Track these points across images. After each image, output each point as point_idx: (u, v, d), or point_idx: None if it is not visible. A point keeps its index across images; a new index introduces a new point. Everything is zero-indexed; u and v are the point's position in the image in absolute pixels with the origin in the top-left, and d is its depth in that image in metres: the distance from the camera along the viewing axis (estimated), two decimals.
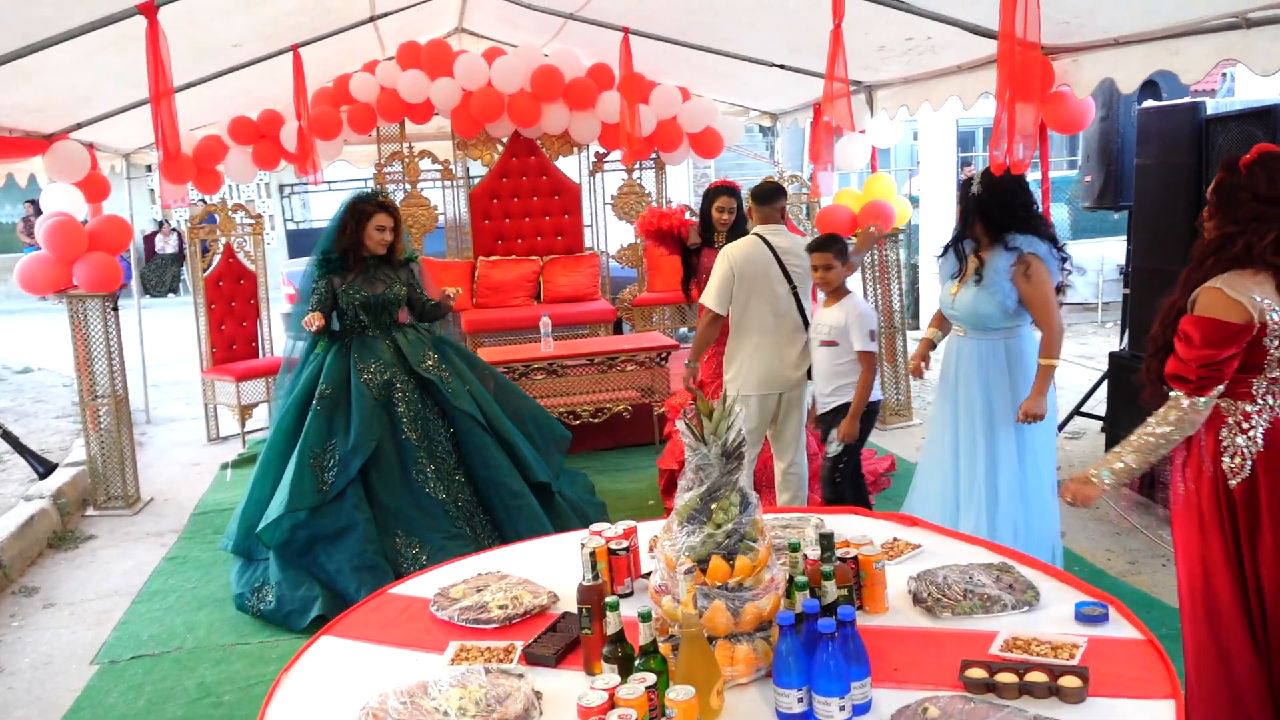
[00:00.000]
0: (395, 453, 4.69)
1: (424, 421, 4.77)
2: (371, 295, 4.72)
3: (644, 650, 1.98)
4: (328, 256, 4.73)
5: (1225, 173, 2.69)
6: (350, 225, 4.69)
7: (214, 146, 7.48)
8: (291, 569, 4.50)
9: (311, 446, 4.57)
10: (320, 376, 4.72)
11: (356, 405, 4.63)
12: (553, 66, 7.70)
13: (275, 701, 2.21)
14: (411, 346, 4.84)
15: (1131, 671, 2.03)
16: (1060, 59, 4.87)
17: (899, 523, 3.01)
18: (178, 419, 8.75)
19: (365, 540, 4.47)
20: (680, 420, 2.17)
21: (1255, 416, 2.62)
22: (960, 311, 3.93)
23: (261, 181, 17.73)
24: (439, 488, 4.70)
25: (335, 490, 4.52)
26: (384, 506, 4.61)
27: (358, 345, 4.77)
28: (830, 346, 4.43)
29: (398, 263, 4.86)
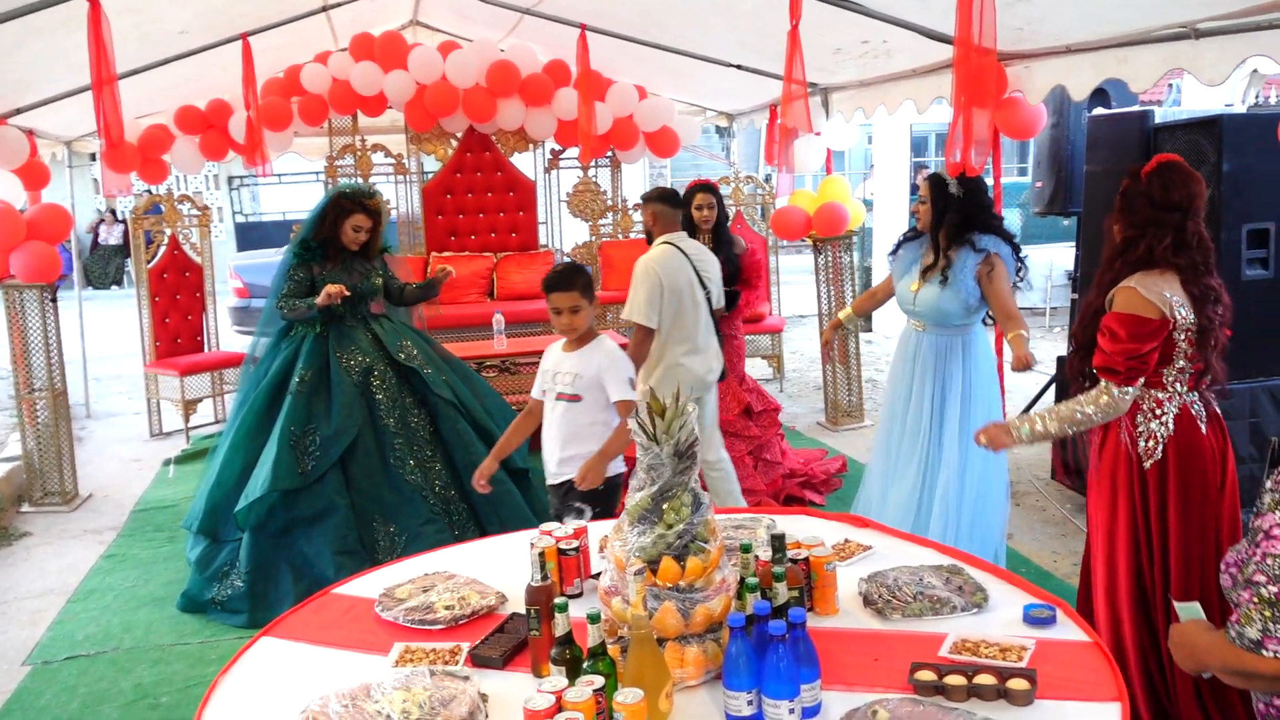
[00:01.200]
0: (374, 439, 4.68)
1: (401, 409, 4.77)
2: (349, 285, 4.69)
3: (593, 652, 1.94)
4: (307, 244, 4.71)
5: (1129, 180, 2.89)
6: (330, 217, 4.70)
7: (160, 135, 7.32)
8: (264, 552, 4.46)
9: (291, 429, 4.54)
10: (297, 361, 4.70)
11: (337, 390, 4.64)
12: (508, 62, 7.63)
13: (212, 704, 2.15)
14: (389, 336, 4.87)
15: (1078, 674, 2.03)
16: (1013, 65, 4.92)
17: (850, 524, 3.01)
18: (119, 414, 8.56)
19: (345, 525, 4.48)
20: (632, 419, 2.14)
21: (1166, 403, 2.86)
22: (922, 308, 3.99)
23: (210, 173, 17.43)
24: (416, 473, 4.70)
25: (316, 474, 4.50)
26: (363, 492, 4.61)
27: (335, 335, 4.77)
28: (571, 402, 3.53)
29: (372, 255, 4.87)
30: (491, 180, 8.34)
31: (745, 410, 5.55)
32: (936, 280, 3.92)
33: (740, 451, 5.45)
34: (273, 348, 4.88)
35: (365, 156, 8.04)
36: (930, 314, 3.97)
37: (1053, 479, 5.84)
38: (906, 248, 4.18)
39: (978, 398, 3.98)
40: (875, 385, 8.52)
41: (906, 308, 4.09)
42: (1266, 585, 1.68)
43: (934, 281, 3.93)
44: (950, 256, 3.90)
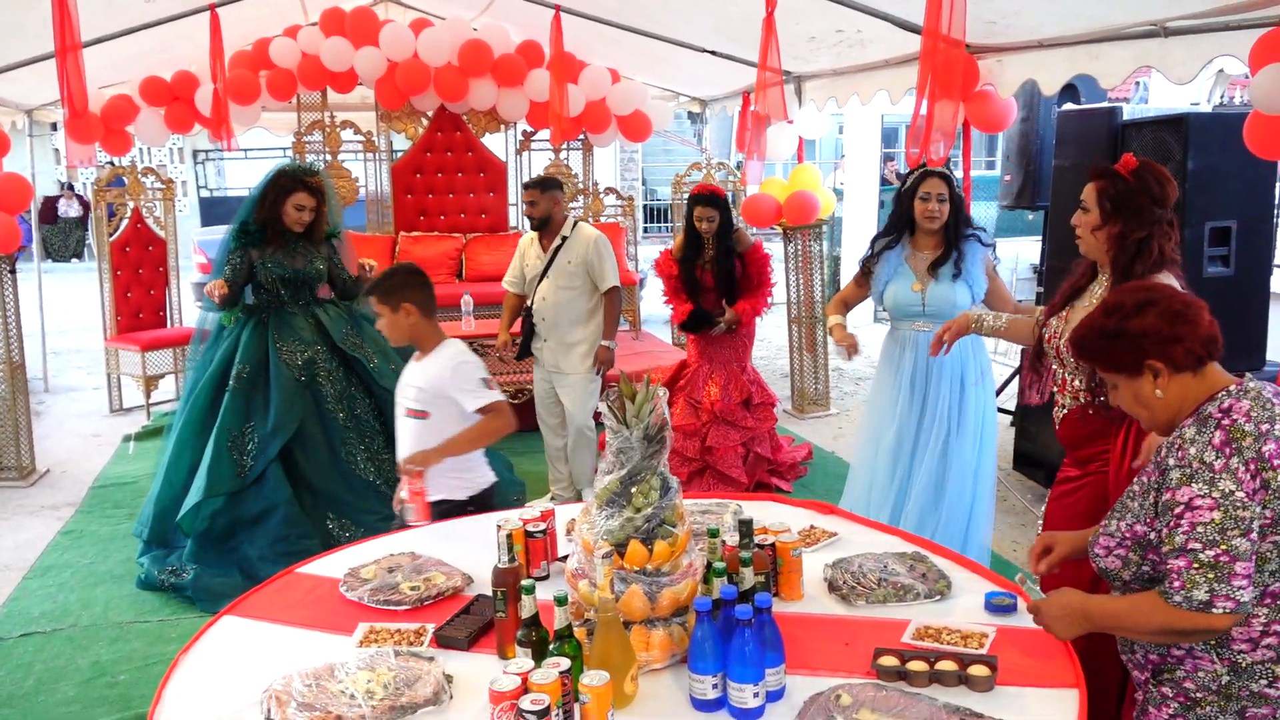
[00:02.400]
0: (322, 433, 4.54)
1: (349, 400, 4.63)
2: (291, 270, 4.53)
3: (559, 634, 1.95)
4: (246, 227, 4.52)
5: (1111, 181, 2.72)
6: (270, 197, 4.48)
7: (124, 106, 7.19)
8: (210, 556, 4.35)
9: (229, 429, 4.40)
10: (236, 355, 4.53)
11: (276, 385, 4.47)
12: (481, 41, 7.56)
13: (173, 682, 2.13)
14: (333, 322, 4.68)
15: (1038, 661, 2.07)
16: (985, 58, 4.95)
17: (817, 510, 3.03)
18: (78, 389, 8.44)
19: (287, 524, 4.34)
20: (602, 403, 2.14)
21: None
22: (935, 305, 3.92)
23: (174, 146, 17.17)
24: (369, 468, 4.58)
25: (254, 474, 4.37)
26: (313, 489, 4.48)
27: (275, 322, 4.58)
28: (418, 419, 3.28)
29: (319, 238, 4.67)
30: (462, 160, 8.28)
31: (745, 401, 5.44)
32: (948, 275, 3.90)
33: (734, 441, 5.37)
34: (215, 336, 4.68)
35: (334, 133, 7.95)
36: (945, 311, 3.87)
37: (1014, 469, 5.92)
38: (889, 254, 4.04)
39: (986, 391, 4.00)
40: (842, 374, 8.58)
41: (911, 310, 3.98)
42: (1204, 551, 1.81)
43: (945, 277, 3.91)
44: (963, 250, 3.91)
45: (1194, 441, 1.87)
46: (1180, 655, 1.96)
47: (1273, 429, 1.85)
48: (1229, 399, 1.90)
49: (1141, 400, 1.99)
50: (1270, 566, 1.86)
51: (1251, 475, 1.82)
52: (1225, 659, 1.92)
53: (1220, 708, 1.93)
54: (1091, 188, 2.75)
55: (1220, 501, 1.81)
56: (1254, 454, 1.83)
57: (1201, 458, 1.85)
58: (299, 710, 1.92)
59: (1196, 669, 1.95)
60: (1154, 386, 1.95)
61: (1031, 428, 5.75)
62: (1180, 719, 1.98)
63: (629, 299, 8.43)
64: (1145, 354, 1.94)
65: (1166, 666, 2.00)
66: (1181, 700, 1.97)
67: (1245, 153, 3.63)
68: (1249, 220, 4.70)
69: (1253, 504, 1.81)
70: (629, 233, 8.82)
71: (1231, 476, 1.82)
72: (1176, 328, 1.92)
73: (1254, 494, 1.82)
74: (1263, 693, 1.90)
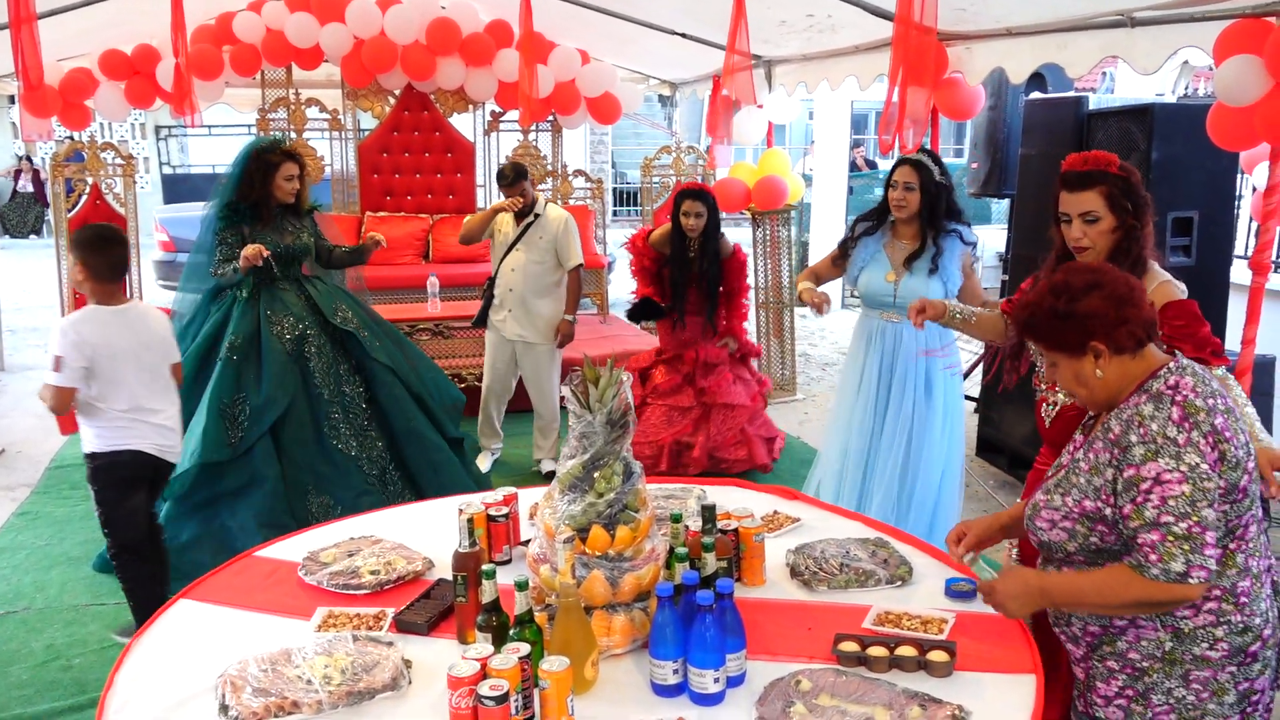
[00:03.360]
0: (308, 408, 4.54)
1: (336, 376, 4.63)
2: (282, 245, 4.53)
3: (519, 619, 1.93)
4: (236, 207, 4.50)
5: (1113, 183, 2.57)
6: (258, 178, 4.47)
7: (82, 80, 7.04)
8: (186, 525, 4.31)
9: (220, 398, 4.38)
10: (228, 328, 4.52)
11: (268, 358, 4.46)
12: (449, 19, 7.48)
13: (126, 666, 2.10)
14: (324, 298, 4.68)
15: (996, 647, 2.08)
16: (954, 46, 4.97)
17: (780, 496, 3.04)
18: (36, 367, 8.28)
19: (272, 497, 4.34)
20: (565, 386, 2.12)
21: None
22: (907, 299, 3.79)
23: (136, 122, 16.89)
24: (351, 443, 4.57)
25: (245, 445, 4.36)
26: (295, 462, 4.47)
27: (267, 298, 4.57)
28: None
29: (302, 212, 4.68)
30: (429, 140, 8.20)
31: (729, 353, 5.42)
32: (924, 268, 3.83)
33: (726, 378, 5.33)
34: (201, 310, 4.68)
35: (299, 111, 7.84)
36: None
37: (976, 455, 5.97)
38: (866, 240, 3.99)
39: (956, 386, 3.98)
40: (808, 360, 8.61)
41: (883, 299, 3.93)
42: (1176, 523, 1.85)
43: (920, 271, 3.83)
44: (941, 246, 3.83)
45: (1154, 418, 1.91)
46: (1123, 625, 2.01)
47: (1216, 403, 1.93)
48: (1173, 375, 1.96)
49: (1081, 379, 2.03)
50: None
51: (1211, 447, 1.89)
52: (1169, 626, 1.97)
53: (1166, 673, 1.98)
54: (1096, 195, 2.55)
55: (1188, 474, 1.86)
56: (1209, 427, 1.89)
57: (1165, 433, 1.89)
58: (254, 695, 1.89)
59: (1140, 638, 2.00)
60: (1094, 366, 1.99)
61: (994, 415, 5.79)
62: (1130, 690, 2.02)
63: (597, 282, 8.41)
64: (1091, 335, 1.97)
65: (1108, 638, 2.04)
66: (1129, 672, 2.02)
67: (1208, 144, 3.67)
68: (1210, 211, 4.75)
69: (1215, 475, 1.87)
70: (598, 215, 8.78)
71: (1195, 450, 1.87)
72: (1123, 310, 1.96)
73: (1214, 465, 1.88)
74: (1204, 656, 1.96)
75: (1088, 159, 2.60)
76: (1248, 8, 3.49)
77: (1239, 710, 1.98)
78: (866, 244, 3.98)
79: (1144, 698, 2.01)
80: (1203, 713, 1.98)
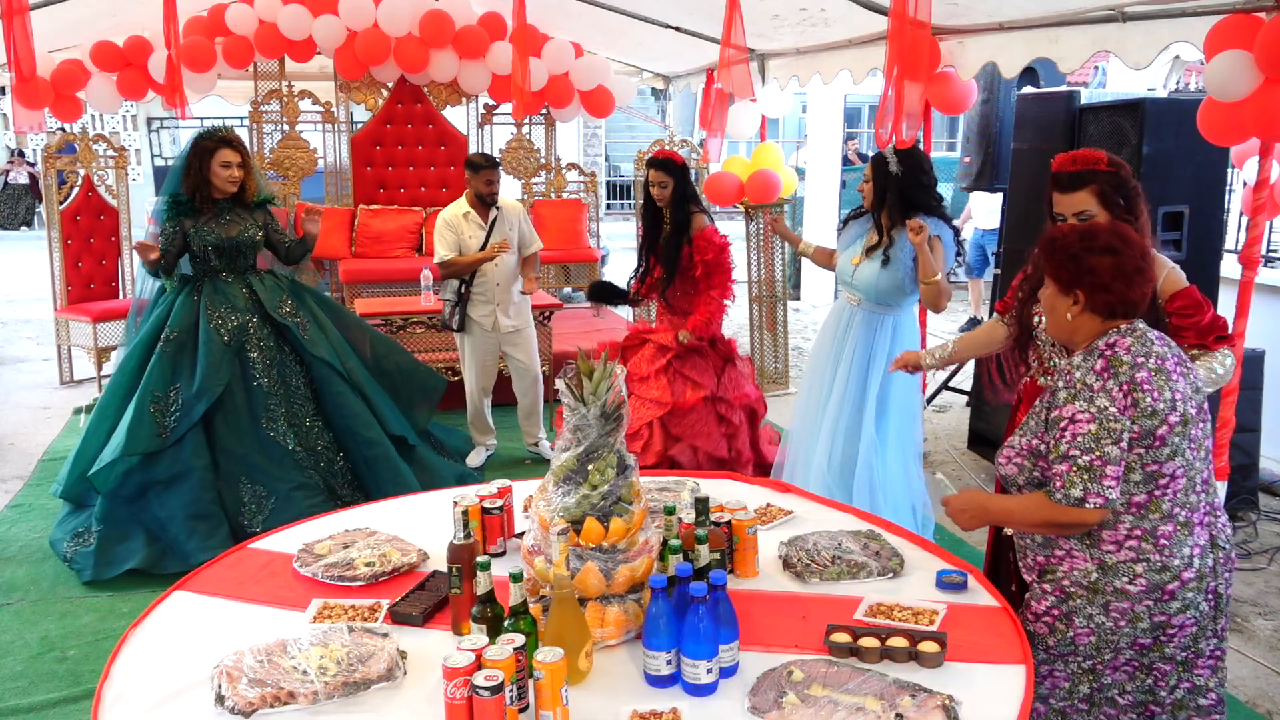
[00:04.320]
0: (245, 399, 4.54)
1: (280, 368, 4.63)
2: (225, 238, 4.51)
3: (514, 611, 1.95)
4: (177, 199, 4.51)
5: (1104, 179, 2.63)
6: (195, 165, 4.46)
7: (74, 71, 7.01)
8: (118, 516, 4.35)
9: (153, 390, 4.40)
10: (168, 320, 4.53)
11: (204, 349, 4.46)
12: (442, 11, 7.46)
13: (121, 657, 2.11)
14: (269, 292, 4.67)
15: (987, 638, 2.10)
16: (947, 40, 4.97)
17: (773, 489, 3.06)
18: (27, 359, 8.27)
19: (200, 488, 4.35)
20: (560, 379, 2.13)
21: None
22: (860, 284, 4.01)
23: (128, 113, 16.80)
24: (288, 436, 4.57)
25: (176, 435, 4.37)
26: (228, 453, 4.48)
27: (209, 290, 4.58)
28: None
29: (252, 204, 4.65)
30: (422, 133, 8.19)
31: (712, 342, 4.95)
32: (878, 259, 3.92)
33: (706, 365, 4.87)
34: (152, 304, 4.70)
35: (292, 103, 7.82)
36: (868, 291, 3.98)
37: (968, 449, 6.00)
38: (855, 223, 4.17)
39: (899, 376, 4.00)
40: (801, 353, 8.63)
41: (845, 280, 4.10)
42: (1081, 456, 2.12)
43: (875, 260, 3.94)
44: (893, 237, 3.90)
45: (1079, 368, 2.19)
46: (1061, 555, 2.27)
47: (1147, 361, 2.17)
48: (1115, 336, 2.21)
49: (1054, 310, 2.29)
50: (1134, 476, 2.18)
51: (1123, 395, 2.13)
52: (1095, 558, 2.22)
53: (1088, 600, 2.22)
54: (1088, 195, 2.61)
55: (1096, 415, 2.13)
56: (1128, 378, 2.14)
57: (1084, 380, 2.17)
58: (250, 686, 1.90)
59: (1073, 568, 2.25)
60: (1068, 309, 2.25)
61: (986, 408, 5.82)
62: (1055, 610, 2.27)
63: (591, 275, 8.41)
64: (1078, 283, 2.21)
65: (1050, 567, 2.29)
66: (1057, 595, 2.26)
67: (1199, 138, 3.68)
68: (1201, 205, 4.77)
69: (1123, 418, 2.12)
70: (591, 209, 8.78)
71: (1106, 395, 2.14)
72: (1115, 282, 2.19)
73: (1124, 410, 2.13)
74: (1123, 589, 2.19)
75: (1076, 158, 2.66)
76: (1237, 3, 3.50)
77: (1151, 635, 2.22)
78: (853, 227, 4.17)
79: (1067, 618, 2.25)
80: (1118, 636, 2.22)
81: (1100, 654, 2.25)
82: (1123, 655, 2.24)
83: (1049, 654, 2.29)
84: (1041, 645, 2.29)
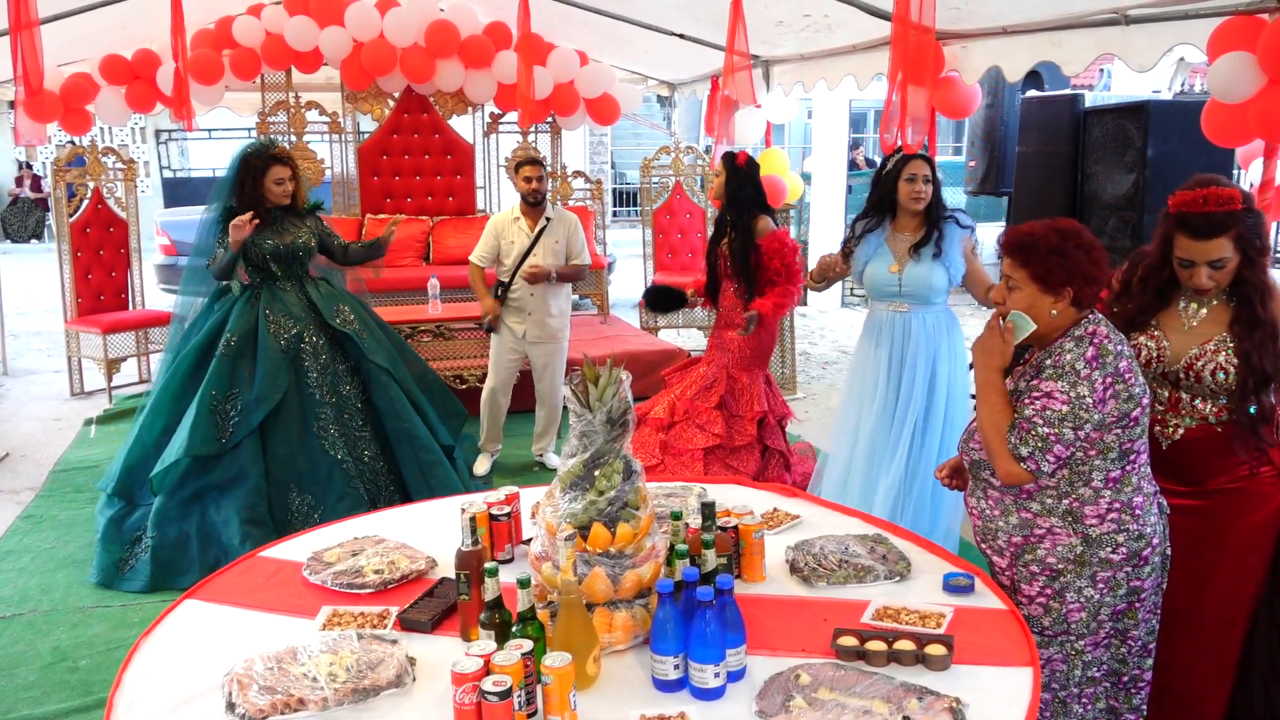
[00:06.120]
0: (298, 407, 4.58)
1: (333, 377, 4.67)
2: (281, 245, 4.60)
3: (522, 616, 1.96)
4: (232, 209, 4.56)
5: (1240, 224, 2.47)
6: (248, 183, 4.55)
7: (83, 85, 7.07)
8: (174, 517, 4.37)
9: (213, 393, 4.44)
10: (226, 324, 4.58)
11: (262, 356, 4.52)
12: (448, 22, 7.50)
13: (133, 667, 2.12)
14: (324, 300, 4.74)
15: (994, 640, 2.10)
16: (951, 44, 4.98)
17: (780, 494, 3.06)
18: (38, 371, 8.31)
19: (255, 494, 4.39)
20: (566, 385, 2.14)
21: None
22: (912, 286, 3.93)
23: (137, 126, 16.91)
24: (338, 445, 4.60)
25: (234, 440, 4.41)
26: (279, 460, 4.51)
27: (267, 296, 4.65)
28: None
29: (303, 212, 4.75)
30: (429, 142, 8.22)
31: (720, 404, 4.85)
32: (929, 255, 3.89)
33: (695, 444, 4.80)
34: (206, 309, 4.75)
35: (299, 114, 7.86)
36: (922, 291, 3.92)
37: None
38: (872, 235, 4.02)
39: (963, 374, 3.99)
40: (808, 358, 8.63)
41: (888, 290, 3.98)
42: (1041, 426, 2.27)
43: (925, 258, 3.90)
44: (943, 231, 3.91)
45: (1070, 352, 2.30)
46: (1041, 534, 2.38)
47: (1124, 350, 2.32)
48: (1091, 324, 2.33)
49: (1036, 310, 2.34)
50: (1112, 455, 2.31)
51: (1104, 388, 2.26)
52: (1079, 533, 2.35)
53: (1077, 573, 2.35)
54: (1226, 241, 2.44)
55: (1072, 400, 2.26)
56: (1113, 369, 2.26)
57: (1073, 365, 2.28)
58: (261, 693, 1.91)
59: (1056, 545, 2.36)
60: (1053, 306, 2.32)
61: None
62: (1048, 590, 2.38)
63: (597, 283, 8.43)
64: (1070, 280, 2.29)
65: (1028, 547, 2.39)
66: (1047, 574, 2.38)
67: (1204, 140, 3.68)
68: None
69: (1094, 411, 2.25)
70: (597, 216, 8.80)
71: (1089, 385, 2.25)
72: (1099, 273, 2.31)
73: (1098, 403, 2.25)
74: (1107, 558, 2.34)
75: (1208, 198, 2.43)
76: (1240, 5, 3.51)
77: (1126, 601, 2.38)
78: (869, 239, 4.04)
79: (1060, 595, 2.37)
80: (1100, 605, 2.37)
81: (1089, 629, 2.38)
82: (1104, 628, 2.39)
83: (1044, 636, 2.39)
84: (1037, 627, 2.38)
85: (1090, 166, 4.84)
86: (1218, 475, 2.59)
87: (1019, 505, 2.40)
